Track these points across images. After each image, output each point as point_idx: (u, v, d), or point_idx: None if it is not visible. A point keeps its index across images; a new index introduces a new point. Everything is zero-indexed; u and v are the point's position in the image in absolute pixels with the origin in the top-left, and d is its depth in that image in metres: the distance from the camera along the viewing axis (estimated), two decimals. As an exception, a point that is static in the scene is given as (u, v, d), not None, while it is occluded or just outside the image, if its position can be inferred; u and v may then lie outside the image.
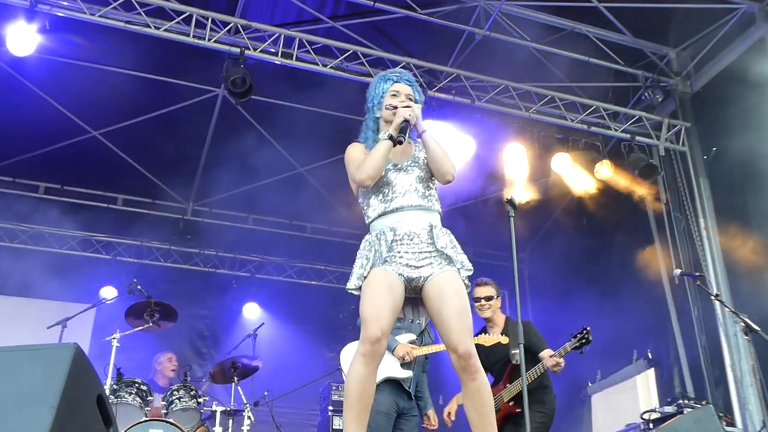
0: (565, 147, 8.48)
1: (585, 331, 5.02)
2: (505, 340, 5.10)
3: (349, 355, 5.40)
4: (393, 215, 3.30)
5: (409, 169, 3.40)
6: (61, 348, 2.43)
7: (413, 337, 5.30)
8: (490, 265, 10.79)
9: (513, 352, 4.88)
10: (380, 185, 3.37)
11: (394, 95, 3.50)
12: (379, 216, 3.34)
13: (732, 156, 7.43)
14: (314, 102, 8.34)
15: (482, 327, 5.46)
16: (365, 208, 3.45)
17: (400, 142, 3.32)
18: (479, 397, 3.12)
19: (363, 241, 3.36)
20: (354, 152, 3.47)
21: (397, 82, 3.54)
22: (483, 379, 3.15)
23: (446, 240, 3.30)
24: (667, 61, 8.24)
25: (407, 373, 5.16)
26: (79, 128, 8.69)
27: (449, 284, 3.20)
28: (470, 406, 3.15)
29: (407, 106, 3.40)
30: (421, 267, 3.22)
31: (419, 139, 3.49)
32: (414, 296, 3.30)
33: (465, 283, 3.28)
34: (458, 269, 3.27)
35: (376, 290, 3.16)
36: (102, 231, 10.00)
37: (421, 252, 3.24)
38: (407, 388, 5.23)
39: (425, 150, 3.44)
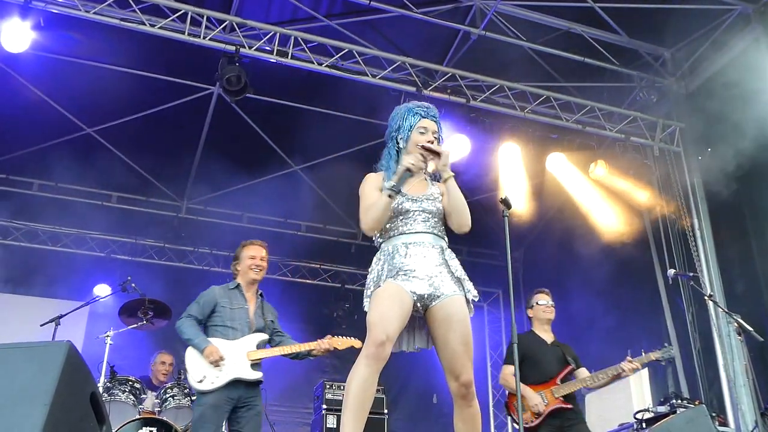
0: (560, 147, 8.49)
1: (670, 347, 5.34)
2: None
3: (191, 356, 4.97)
4: (405, 236, 3.36)
5: (424, 202, 3.43)
6: (55, 346, 2.43)
7: (264, 337, 5.12)
8: (485, 264, 10.81)
9: (569, 358, 5.37)
10: (393, 213, 3.39)
11: (422, 132, 3.52)
12: (390, 237, 3.38)
13: (726, 157, 7.45)
14: (309, 100, 8.33)
15: (529, 329, 5.64)
16: (376, 231, 3.46)
17: (399, 192, 3.33)
18: (472, 423, 3.25)
19: (375, 258, 3.39)
20: (368, 188, 3.48)
21: (424, 117, 3.56)
22: (477, 406, 3.27)
23: (456, 263, 3.38)
24: (662, 62, 8.25)
25: (257, 375, 4.94)
26: (73, 125, 8.67)
27: (457, 311, 3.25)
28: (463, 429, 3.27)
29: (430, 143, 3.43)
30: (432, 283, 3.25)
31: (442, 182, 3.49)
32: (416, 316, 3.32)
33: (469, 308, 3.33)
34: (465, 293, 3.32)
35: (386, 298, 3.19)
36: (96, 228, 9.97)
37: (434, 267, 3.29)
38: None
39: (448, 197, 3.44)
